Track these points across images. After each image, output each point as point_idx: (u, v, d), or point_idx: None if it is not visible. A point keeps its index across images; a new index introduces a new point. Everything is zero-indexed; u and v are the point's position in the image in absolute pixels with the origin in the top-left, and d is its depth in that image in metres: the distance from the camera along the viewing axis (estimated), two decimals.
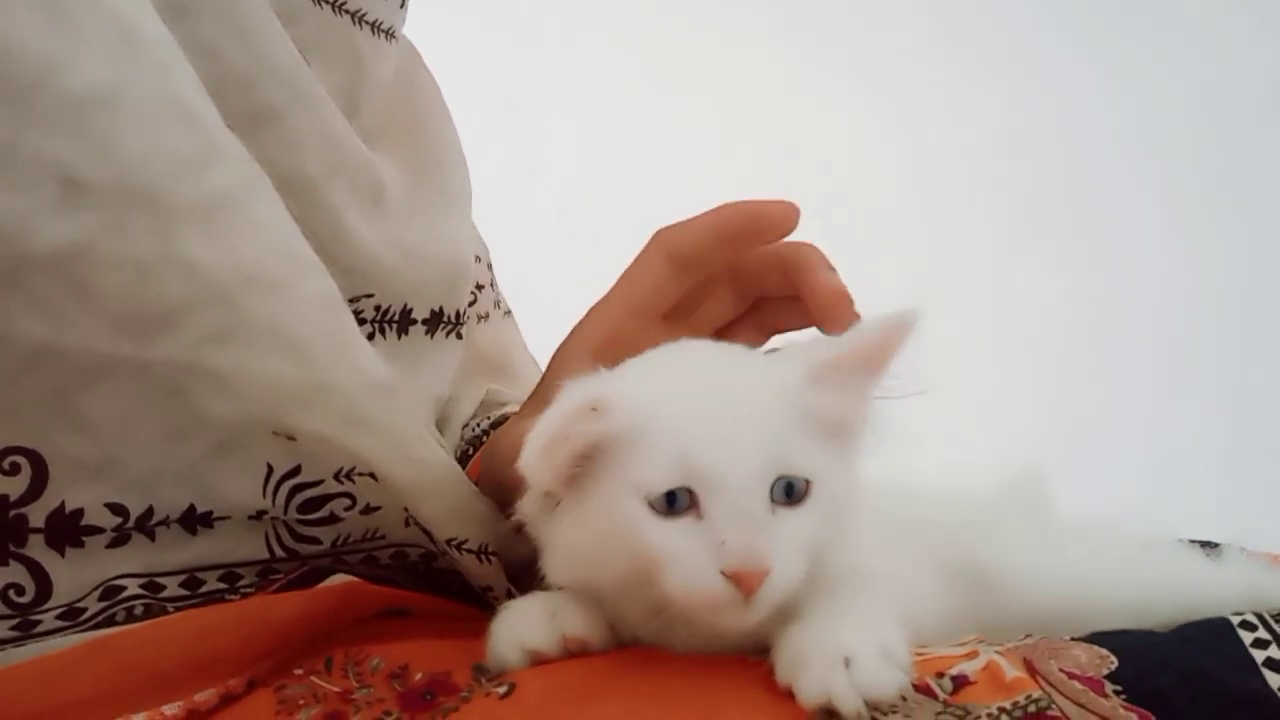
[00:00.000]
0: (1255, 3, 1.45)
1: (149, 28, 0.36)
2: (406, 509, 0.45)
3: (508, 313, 0.72)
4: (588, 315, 0.49)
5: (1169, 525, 0.50)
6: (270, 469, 0.42)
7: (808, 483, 0.37)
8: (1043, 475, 0.50)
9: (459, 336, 0.58)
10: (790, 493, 0.36)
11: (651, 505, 0.36)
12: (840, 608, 0.37)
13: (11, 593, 0.39)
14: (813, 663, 0.34)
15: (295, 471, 0.43)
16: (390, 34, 0.54)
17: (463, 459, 0.56)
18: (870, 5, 1.48)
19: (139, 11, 0.36)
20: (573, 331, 0.49)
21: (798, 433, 0.37)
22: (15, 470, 0.38)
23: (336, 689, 0.39)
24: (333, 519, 0.44)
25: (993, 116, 1.47)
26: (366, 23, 0.51)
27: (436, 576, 0.50)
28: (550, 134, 1.52)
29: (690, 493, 0.36)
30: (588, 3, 1.47)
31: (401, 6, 0.55)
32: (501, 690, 0.37)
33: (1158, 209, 1.47)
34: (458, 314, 0.58)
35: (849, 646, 0.34)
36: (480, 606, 0.47)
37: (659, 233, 0.47)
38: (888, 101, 1.48)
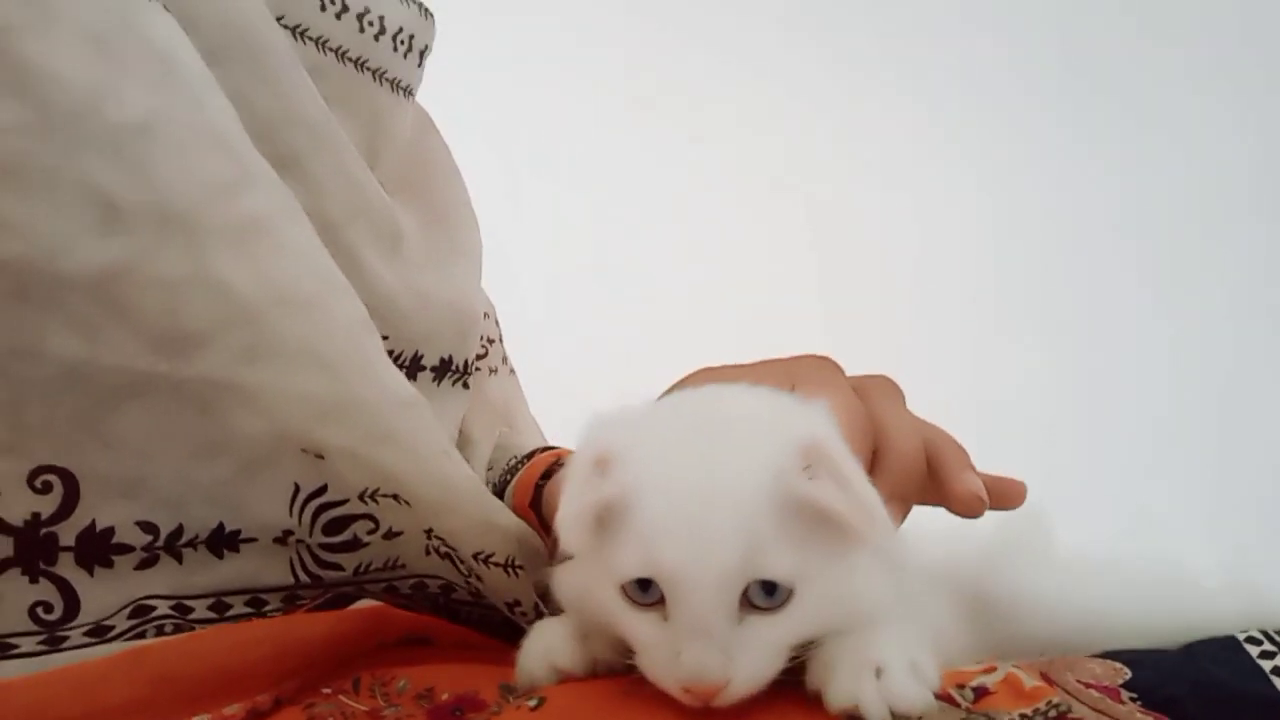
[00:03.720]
0: (1235, 100, 1.52)
1: (186, 60, 0.38)
2: (431, 530, 0.46)
3: (512, 371, 0.74)
4: (730, 367, 0.46)
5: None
6: (297, 488, 0.43)
7: (790, 589, 0.35)
8: (1044, 514, 0.51)
9: (465, 386, 0.60)
10: (772, 592, 0.35)
11: (625, 591, 0.36)
12: (874, 626, 0.38)
13: (40, 610, 0.39)
14: (843, 669, 0.35)
15: (321, 491, 0.44)
16: (408, 91, 0.57)
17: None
18: (861, 88, 1.54)
19: (178, 45, 0.38)
20: (701, 371, 0.46)
21: (781, 530, 0.34)
22: (47, 489, 0.38)
23: (365, 708, 0.40)
24: (355, 543, 0.45)
25: (979, 199, 1.52)
26: (386, 80, 0.54)
27: (456, 609, 0.51)
28: (541, 208, 1.55)
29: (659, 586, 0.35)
30: (578, 77, 1.51)
31: (419, 65, 0.58)
32: (532, 704, 0.37)
33: (1139, 291, 1.51)
34: (465, 364, 0.59)
35: (881, 658, 0.35)
36: (502, 638, 0.48)
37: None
38: (876, 182, 1.53)
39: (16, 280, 0.35)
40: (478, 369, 0.65)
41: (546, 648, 0.40)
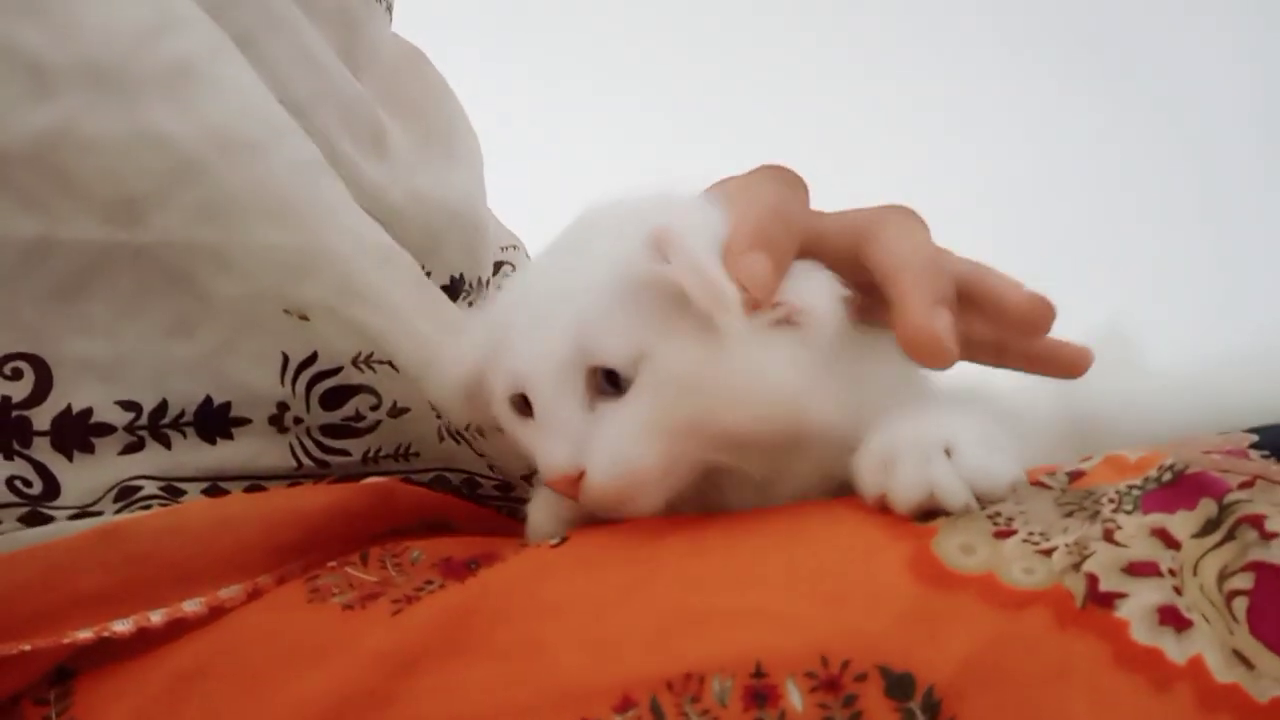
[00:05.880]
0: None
1: None
2: (435, 407, 0.42)
3: None
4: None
5: None
6: (286, 358, 0.40)
7: (634, 363, 0.32)
8: (1129, 329, 0.45)
9: None
10: (615, 379, 0.32)
11: (515, 406, 0.35)
12: (925, 409, 0.32)
13: (18, 483, 0.36)
14: (907, 456, 0.30)
15: (312, 360, 0.40)
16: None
17: None
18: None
19: None
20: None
21: (617, 314, 0.32)
22: (18, 375, 0.37)
23: (373, 578, 0.35)
24: (358, 422, 0.41)
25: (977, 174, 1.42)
26: None
27: (482, 506, 0.46)
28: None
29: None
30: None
31: None
32: (553, 542, 0.34)
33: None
34: (480, 282, 0.55)
35: (948, 436, 0.30)
36: None
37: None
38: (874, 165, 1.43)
39: None
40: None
41: (554, 503, 0.36)
